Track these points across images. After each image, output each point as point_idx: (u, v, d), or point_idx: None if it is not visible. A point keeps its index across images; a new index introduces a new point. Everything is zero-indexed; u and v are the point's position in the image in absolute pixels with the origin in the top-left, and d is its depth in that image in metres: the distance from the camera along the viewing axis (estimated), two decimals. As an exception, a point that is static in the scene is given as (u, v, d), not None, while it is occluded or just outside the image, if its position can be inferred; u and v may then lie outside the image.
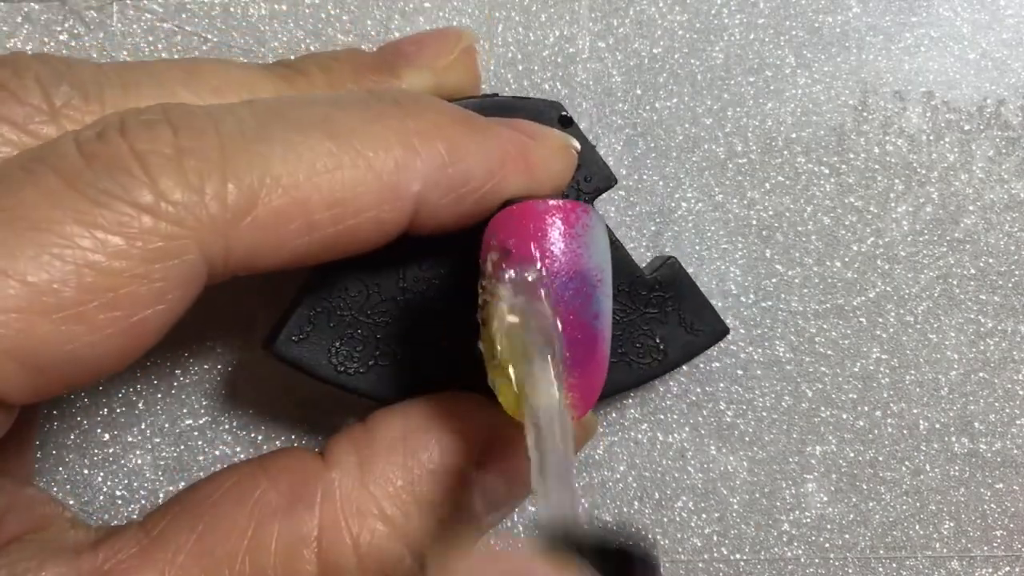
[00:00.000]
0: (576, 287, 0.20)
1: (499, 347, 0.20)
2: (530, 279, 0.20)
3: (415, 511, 0.22)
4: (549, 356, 0.20)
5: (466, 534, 0.23)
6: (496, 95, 0.26)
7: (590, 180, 0.26)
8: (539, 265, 0.20)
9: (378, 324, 0.25)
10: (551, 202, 0.21)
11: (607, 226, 0.26)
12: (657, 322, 0.26)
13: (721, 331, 0.27)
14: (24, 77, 0.21)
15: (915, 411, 0.29)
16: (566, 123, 0.26)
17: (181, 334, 0.29)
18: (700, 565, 0.29)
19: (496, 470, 0.23)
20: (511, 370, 0.20)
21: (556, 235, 0.21)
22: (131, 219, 0.19)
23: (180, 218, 0.19)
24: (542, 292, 0.20)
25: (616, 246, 0.26)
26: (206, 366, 0.29)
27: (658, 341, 0.26)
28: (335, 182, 0.20)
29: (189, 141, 0.20)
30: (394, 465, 0.23)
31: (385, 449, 0.23)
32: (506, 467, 0.23)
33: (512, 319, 0.20)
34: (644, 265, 0.27)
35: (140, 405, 0.29)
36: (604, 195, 0.26)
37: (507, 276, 0.20)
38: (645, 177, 0.29)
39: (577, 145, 0.25)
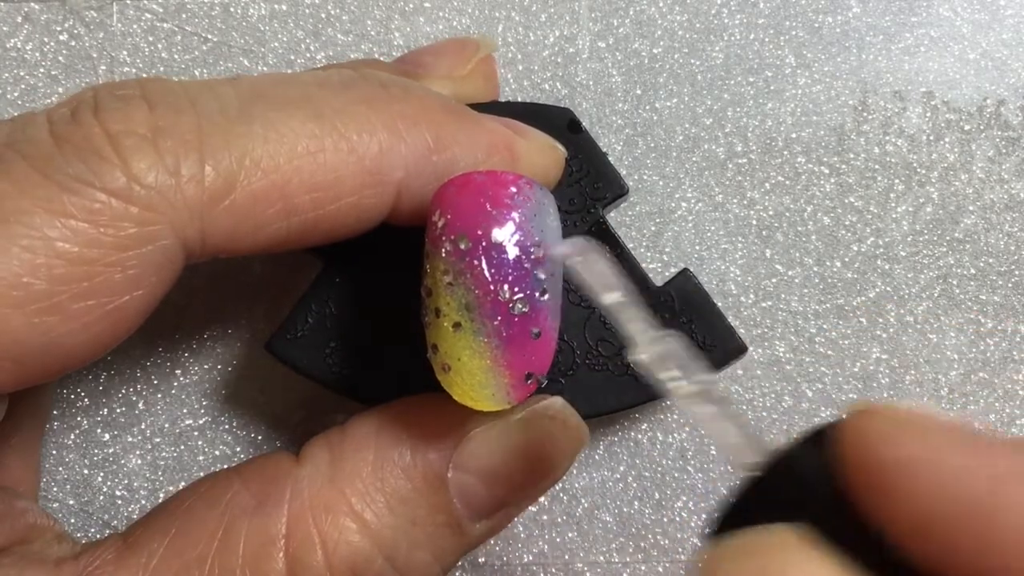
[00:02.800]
0: (514, 261, 0.20)
1: (442, 307, 0.20)
2: (462, 247, 0.19)
3: (385, 509, 0.22)
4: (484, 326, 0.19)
5: (449, 537, 0.22)
6: (509, 102, 0.26)
7: (600, 188, 0.25)
8: (473, 235, 0.19)
9: (374, 328, 0.25)
10: (492, 174, 0.20)
11: (616, 235, 0.25)
12: None
13: (737, 349, 0.25)
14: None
15: (915, 411, 0.29)
16: (575, 128, 0.25)
17: (181, 334, 0.29)
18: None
19: (472, 471, 0.22)
20: (449, 328, 0.20)
21: (493, 207, 0.20)
22: (102, 206, 0.18)
23: (153, 202, 0.19)
24: (476, 263, 0.19)
25: (623, 253, 0.25)
26: (206, 366, 0.29)
27: None
28: (316, 165, 0.20)
29: (166, 120, 0.19)
30: (364, 462, 0.22)
31: (356, 446, 0.22)
32: (482, 468, 0.22)
33: (448, 286, 0.20)
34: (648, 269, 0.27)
35: (140, 405, 0.29)
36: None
37: (444, 248, 0.20)
38: (645, 177, 0.29)
39: (564, 151, 0.24)
